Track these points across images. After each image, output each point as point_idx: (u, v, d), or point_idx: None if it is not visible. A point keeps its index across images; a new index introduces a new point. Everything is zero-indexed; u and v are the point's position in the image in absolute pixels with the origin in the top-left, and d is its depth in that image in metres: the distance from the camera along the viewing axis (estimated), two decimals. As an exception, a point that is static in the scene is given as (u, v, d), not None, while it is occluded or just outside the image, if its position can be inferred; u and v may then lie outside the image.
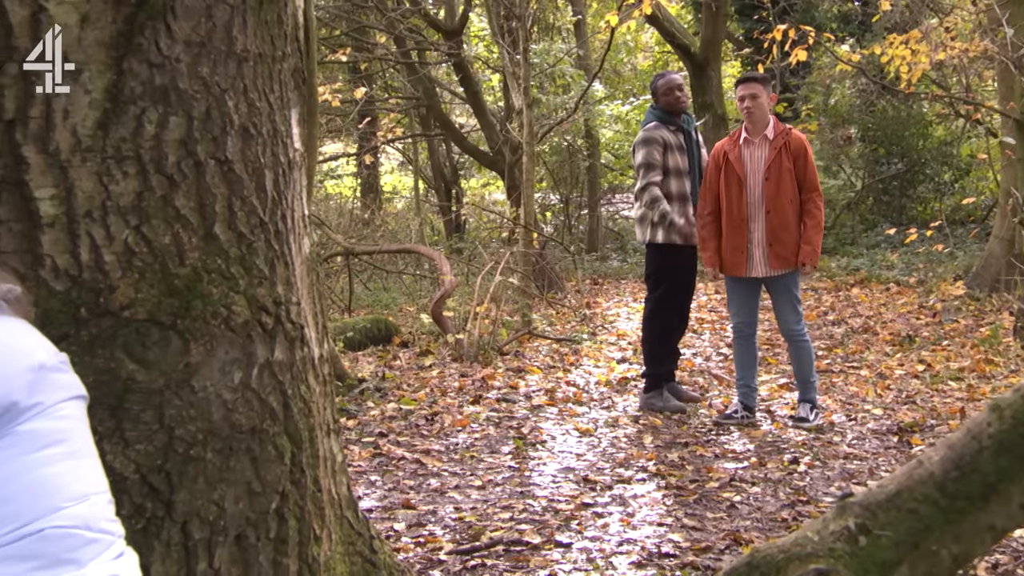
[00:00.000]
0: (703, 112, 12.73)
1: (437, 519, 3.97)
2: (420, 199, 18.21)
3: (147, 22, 1.29)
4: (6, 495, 0.95)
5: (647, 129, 5.63)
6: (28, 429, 0.97)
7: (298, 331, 1.44)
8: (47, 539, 0.94)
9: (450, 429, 5.50)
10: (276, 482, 1.37)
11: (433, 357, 7.67)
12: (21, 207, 1.26)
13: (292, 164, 1.50)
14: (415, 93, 13.54)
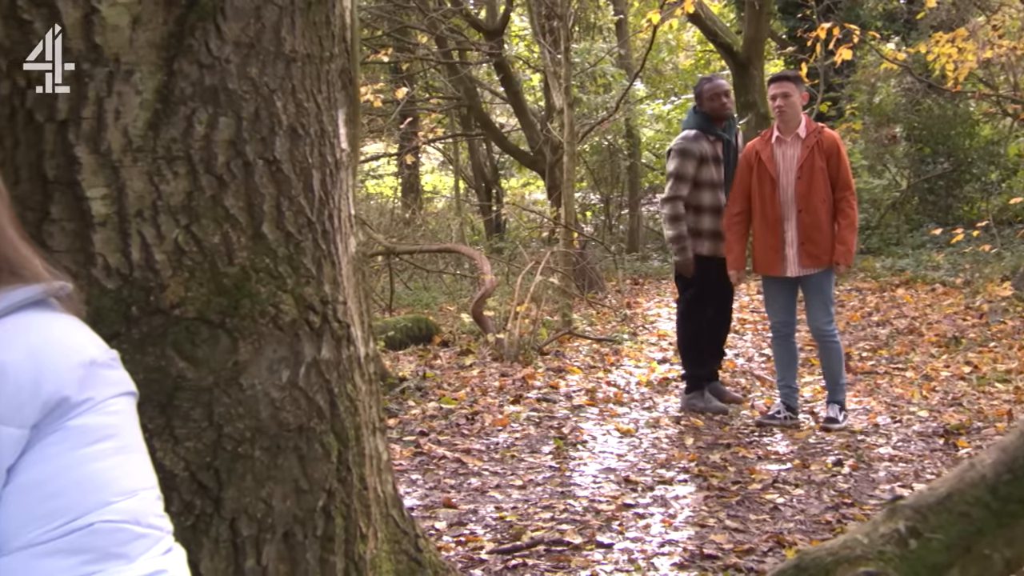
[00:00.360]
0: (745, 111, 12.64)
1: (478, 518, 3.98)
2: (460, 199, 18.25)
3: (197, 23, 1.31)
4: (56, 489, 0.96)
5: (686, 139, 5.57)
6: (79, 424, 0.98)
7: (344, 330, 1.44)
8: (97, 533, 0.94)
9: (491, 428, 5.51)
10: (323, 480, 1.38)
11: (474, 356, 7.68)
12: (73, 206, 1.28)
13: (339, 164, 1.51)
14: (456, 93, 13.58)
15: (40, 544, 0.93)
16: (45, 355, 0.98)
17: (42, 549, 0.93)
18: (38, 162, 1.28)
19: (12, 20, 1.26)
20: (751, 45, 13.06)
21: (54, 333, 1.02)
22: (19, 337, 0.99)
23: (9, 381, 0.96)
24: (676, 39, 17.60)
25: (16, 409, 0.95)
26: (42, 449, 0.96)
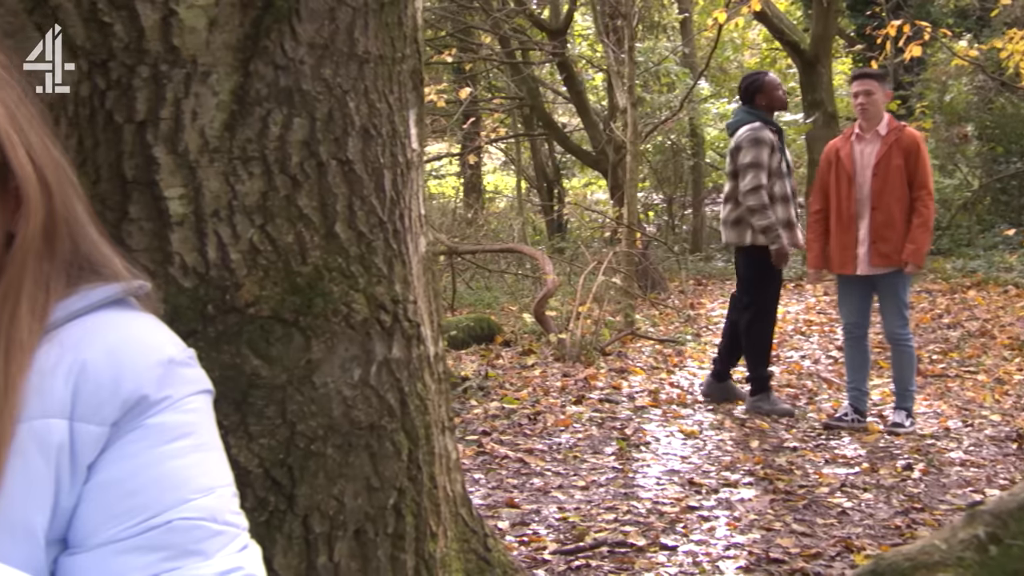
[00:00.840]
0: (812, 110, 12.45)
1: (541, 518, 3.98)
2: (522, 199, 18.26)
3: (273, 25, 1.32)
4: (135, 487, 0.96)
5: (755, 129, 5.53)
6: (157, 422, 0.99)
7: (415, 329, 1.45)
8: (174, 530, 0.95)
9: (553, 429, 5.50)
10: (394, 478, 1.38)
11: (535, 356, 7.68)
12: (152, 206, 1.30)
13: (410, 164, 1.52)
14: (519, 93, 13.59)
15: (119, 541, 0.94)
16: (124, 354, 0.99)
17: (121, 546, 0.94)
18: (117, 162, 1.31)
19: (92, 23, 1.29)
20: (819, 43, 12.86)
21: (133, 332, 1.03)
22: (99, 336, 1.01)
23: (89, 379, 0.97)
24: (741, 37, 17.41)
25: (96, 407, 0.97)
26: (122, 447, 0.97)
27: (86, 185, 1.31)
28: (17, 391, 0.96)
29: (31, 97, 1.08)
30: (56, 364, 0.98)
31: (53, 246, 1.03)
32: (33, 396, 0.96)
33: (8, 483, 0.92)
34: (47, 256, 1.03)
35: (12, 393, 0.96)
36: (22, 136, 1.02)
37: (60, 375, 0.97)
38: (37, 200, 1.01)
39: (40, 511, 0.93)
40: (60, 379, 0.97)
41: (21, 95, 1.06)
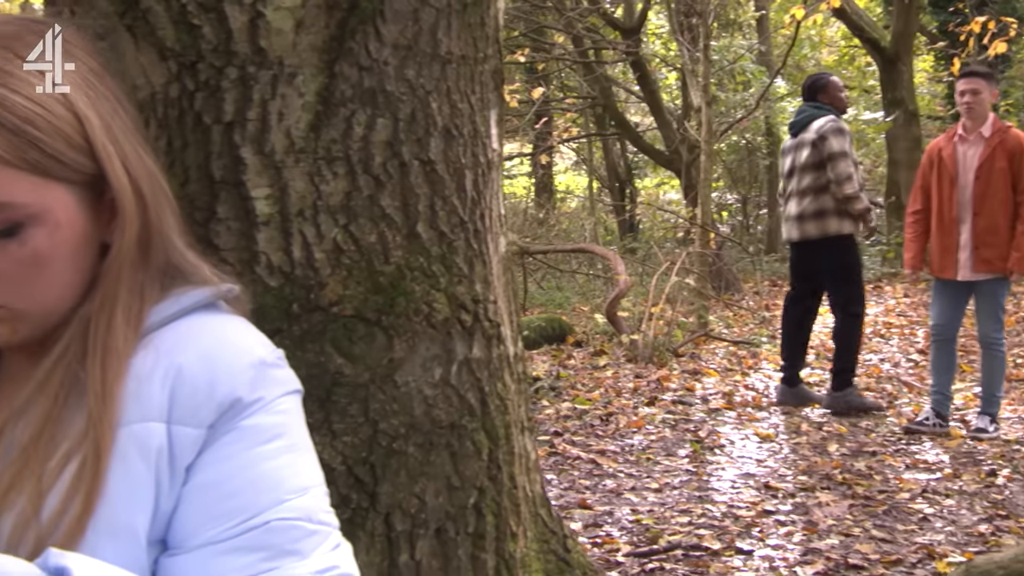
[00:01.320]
0: (892, 108, 12.18)
1: (613, 520, 3.96)
2: (594, 198, 18.20)
3: (358, 26, 1.33)
4: (233, 489, 0.97)
5: (835, 120, 5.49)
6: (251, 424, 1.00)
7: (495, 329, 1.45)
8: (272, 531, 0.96)
9: (625, 430, 5.47)
10: (474, 478, 1.38)
11: (607, 357, 7.65)
12: (239, 206, 1.32)
13: (491, 164, 1.52)
14: (591, 92, 13.54)
15: (219, 542, 0.95)
16: (218, 357, 1.01)
17: (221, 547, 0.95)
18: (205, 163, 1.33)
19: (182, 25, 1.31)
20: (899, 40, 12.57)
21: (225, 335, 1.05)
22: (192, 340, 1.02)
23: (186, 383, 0.98)
24: (819, 35, 17.11)
25: (193, 410, 0.98)
26: (218, 449, 0.98)
27: (175, 186, 1.33)
28: (115, 397, 0.98)
29: (125, 105, 1.11)
30: (152, 369, 0.99)
31: (147, 256, 1.04)
32: (131, 401, 0.98)
33: (111, 487, 0.94)
34: (141, 265, 1.04)
35: (110, 400, 0.98)
36: (118, 147, 1.04)
37: (156, 379, 0.99)
38: (132, 211, 1.02)
39: (142, 513, 0.95)
40: (157, 383, 0.99)
41: (115, 105, 1.08)
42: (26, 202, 0.97)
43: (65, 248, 1.00)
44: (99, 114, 1.03)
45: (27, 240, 0.98)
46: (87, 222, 1.02)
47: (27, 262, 0.98)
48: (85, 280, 1.03)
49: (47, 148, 0.98)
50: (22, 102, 0.98)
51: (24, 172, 0.97)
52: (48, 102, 0.99)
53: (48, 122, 0.99)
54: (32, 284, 0.99)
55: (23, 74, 1.00)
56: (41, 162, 0.98)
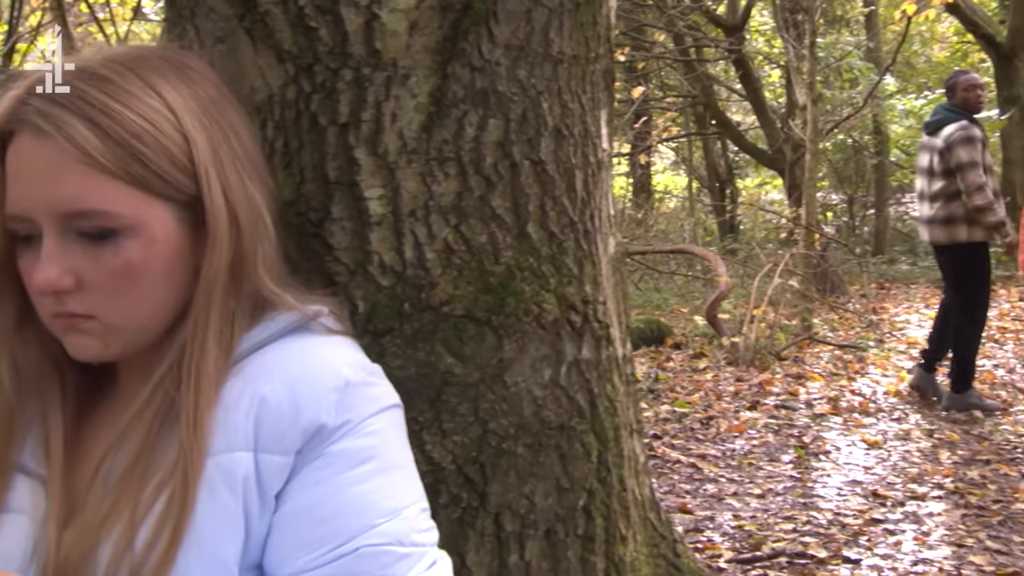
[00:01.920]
0: (1008, 106, 11.73)
1: (715, 525, 3.90)
2: (693, 199, 17.99)
3: (471, 27, 1.33)
4: (323, 515, 0.98)
5: (965, 127, 5.40)
6: (340, 449, 1.01)
7: (604, 330, 1.44)
8: (362, 557, 0.97)
9: (726, 434, 5.39)
10: (583, 479, 1.38)
11: (707, 360, 7.56)
12: (353, 206, 1.34)
13: (601, 164, 1.51)
14: (692, 91, 13.38)
15: (310, 570, 0.96)
16: (303, 382, 1.02)
17: (312, 575, 0.96)
18: (321, 163, 1.35)
19: (299, 28, 1.33)
20: (1016, 35, 12.09)
21: (312, 359, 1.05)
22: (277, 366, 1.04)
23: (271, 411, 1.00)
24: (931, 30, 16.57)
25: (278, 438, 0.99)
26: (307, 475, 0.99)
27: (291, 186, 1.36)
28: (205, 426, 1.00)
29: (242, 136, 1.12)
30: (239, 397, 1.01)
31: (239, 283, 1.06)
32: (218, 431, 0.99)
33: (199, 517, 0.96)
34: (232, 292, 1.06)
35: (200, 429, 0.99)
36: (221, 173, 1.06)
37: (242, 408, 1.00)
38: (224, 236, 1.04)
39: (231, 543, 0.96)
40: (242, 412, 1.00)
41: (229, 134, 1.09)
42: (124, 213, 1.00)
43: (158, 263, 1.02)
44: (209, 139, 1.06)
45: (121, 251, 1.00)
46: (183, 242, 1.04)
47: (120, 273, 1.01)
48: (179, 301, 1.05)
49: (150, 163, 1.01)
50: (132, 117, 1.00)
51: (125, 184, 1.00)
52: (158, 121, 1.02)
53: (155, 139, 1.01)
54: (124, 296, 1.02)
55: (140, 93, 1.02)
56: (143, 176, 1.01)
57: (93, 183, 0.98)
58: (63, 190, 0.98)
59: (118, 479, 0.99)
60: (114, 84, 1.01)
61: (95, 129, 0.98)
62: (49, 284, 0.99)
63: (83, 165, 0.98)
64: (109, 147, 0.99)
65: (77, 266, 1.00)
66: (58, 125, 0.98)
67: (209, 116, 1.07)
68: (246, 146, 1.12)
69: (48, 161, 0.98)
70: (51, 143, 0.98)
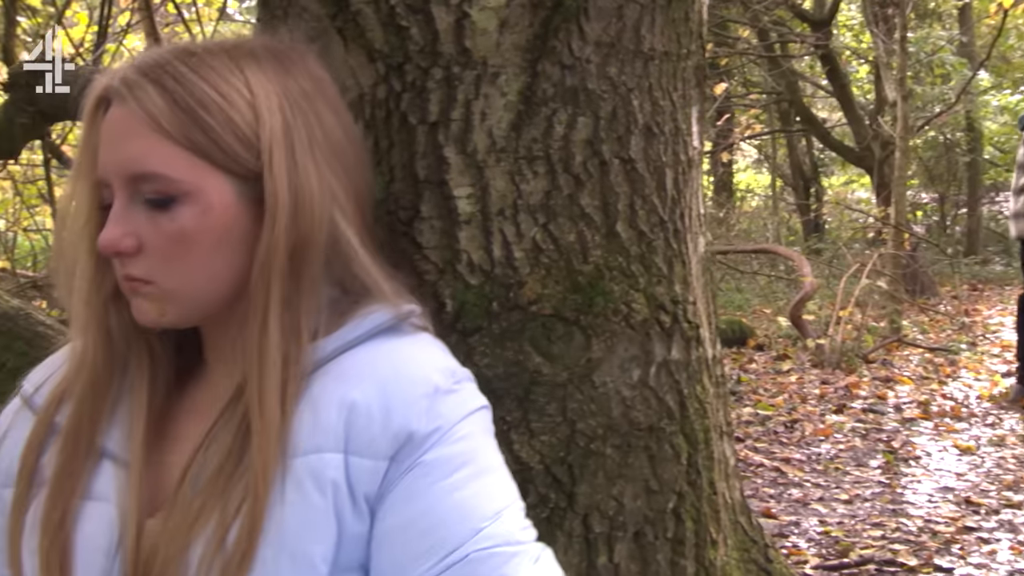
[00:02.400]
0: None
1: (800, 531, 3.83)
2: (776, 197, 17.70)
3: (561, 25, 1.32)
4: (427, 526, 0.98)
5: None
6: (434, 457, 1.00)
7: (694, 331, 1.42)
8: (473, 562, 0.96)
9: (811, 438, 5.29)
10: (673, 482, 1.36)
11: (791, 362, 7.43)
12: (442, 205, 1.34)
13: (691, 162, 1.49)
14: (776, 87, 13.17)
15: None
16: (393, 387, 1.01)
17: None
18: (410, 162, 1.35)
19: (390, 27, 1.34)
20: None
21: (403, 363, 1.05)
22: (367, 368, 1.03)
23: (360, 414, 0.99)
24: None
25: (368, 442, 0.99)
26: (405, 487, 0.99)
27: (381, 184, 1.37)
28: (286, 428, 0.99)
29: (329, 129, 1.11)
30: (330, 398, 1.01)
31: (299, 270, 1.05)
32: (308, 431, 0.99)
33: (287, 516, 0.96)
34: (294, 277, 1.04)
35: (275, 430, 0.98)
36: (290, 156, 1.05)
37: (333, 409, 1.00)
38: (283, 217, 1.03)
39: (319, 543, 0.96)
40: (333, 413, 1.00)
41: (314, 123, 1.09)
42: (181, 178, 1.01)
43: (213, 234, 1.02)
44: (284, 122, 1.05)
45: (177, 216, 1.02)
46: (242, 216, 1.04)
47: (174, 238, 1.02)
48: (237, 278, 1.05)
49: (212, 133, 1.02)
50: (203, 87, 1.02)
51: (185, 150, 1.02)
52: (230, 94, 1.03)
53: (222, 111, 1.02)
54: (179, 263, 1.02)
55: (222, 70, 1.04)
56: (204, 145, 1.02)
57: (157, 147, 1.01)
58: (130, 152, 1.01)
59: (208, 479, 1.00)
60: (198, 58, 1.04)
61: (166, 95, 1.01)
62: (111, 244, 1.01)
63: (150, 129, 1.01)
64: (175, 113, 1.01)
65: (140, 230, 1.02)
66: (133, 90, 1.02)
67: (294, 103, 1.08)
68: (333, 136, 1.11)
69: (123, 125, 1.02)
70: (127, 107, 1.02)
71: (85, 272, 1.08)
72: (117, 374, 1.09)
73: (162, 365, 1.12)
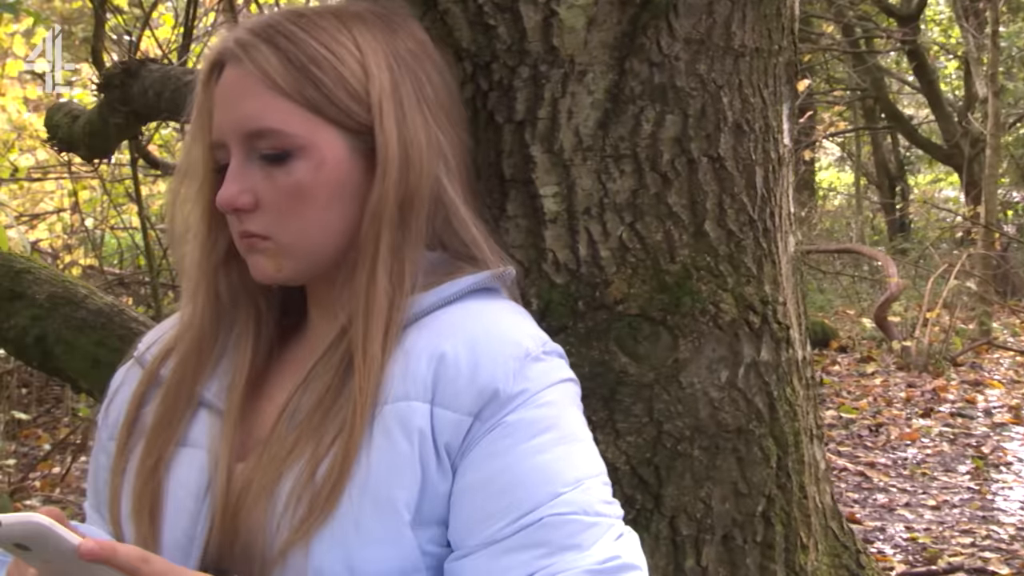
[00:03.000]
0: None
1: (886, 537, 3.75)
2: (860, 196, 17.34)
3: (650, 22, 1.31)
4: (505, 486, 0.98)
5: None
6: (517, 419, 1.01)
7: (784, 332, 1.39)
8: (547, 526, 0.96)
9: (897, 442, 5.18)
10: (762, 485, 1.34)
11: (875, 364, 7.28)
12: (527, 204, 1.34)
13: (782, 160, 1.46)
14: (861, 84, 12.90)
15: (496, 542, 0.96)
16: (484, 345, 1.02)
17: (499, 547, 0.96)
18: (497, 161, 1.36)
19: (478, 26, 1.34)
20: None
21: (495, 323, 1.06)
22: (460, 324, 1.04)
23: (449, 367, 1.00)
24: None
25: (454, 395, 1.00)
26: (486, 446, 0.99)
27: (467, 183, 1.37)
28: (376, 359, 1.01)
29: (436, 84, 1.15)
30: (421, 349, 1.02)
31: (407, 220, 1.07)
32: (399, 379, 1.01)
33: (374, 460, 0.97)
34: (400, 227, 1.07)
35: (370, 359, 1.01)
36: (398, 110, 1.08)
37: (423, 360, 1.01)
38: (394, 169, 1.06)
39: (403, 489, 0.97)
40: (423, 364, 1.01)
41: (421, 78, 1.12)
42: (296, 133, 1.04)
43: (328, 187, 1.05)
44: (392, 79, 1.09)
45: (292, 171, 1.05)
46: (354, 170, 1.07)
47: (290, 192, 1.04)
48: (350, 232, 1.07)
49: (324, 88, 1.05)
50: (315, 45, 1.06)
51: (299, 106, 1.05)
52: (340, 52, 1.07)
53: (333, 67, 1.06)
54: (295, 217, 1.05)
55: (332, 29, 1.08)
56: (317, 100, 1.05)
57: (272, 104, 1.04)
58: (246, 110, 1.05)
59: (304, 417, 1.03)
60: (308, 19, 1.08)
61: (279, 54, 1.05)
62: (229, 200, 1.04)
63: (264, 87, 1.05)
64: (288, 71, 1.05)
65: (257, 187, 1.05)
66: (247, 51, 1.06)
67: (401, 61, 1.11)
68: (439, 95, 1.15)
69: (238, 85, 1.06)
70: (242, 67, 1.06)
71: (199, 235, 1.12)
72: (223, 332, 1.13)
73: (267, 324, 1.15)
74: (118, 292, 6.86)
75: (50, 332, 2.07)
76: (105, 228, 7.90)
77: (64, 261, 7.50)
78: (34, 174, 7.56)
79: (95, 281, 6.31)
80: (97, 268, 7.08)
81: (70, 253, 7.87)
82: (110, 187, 6.93)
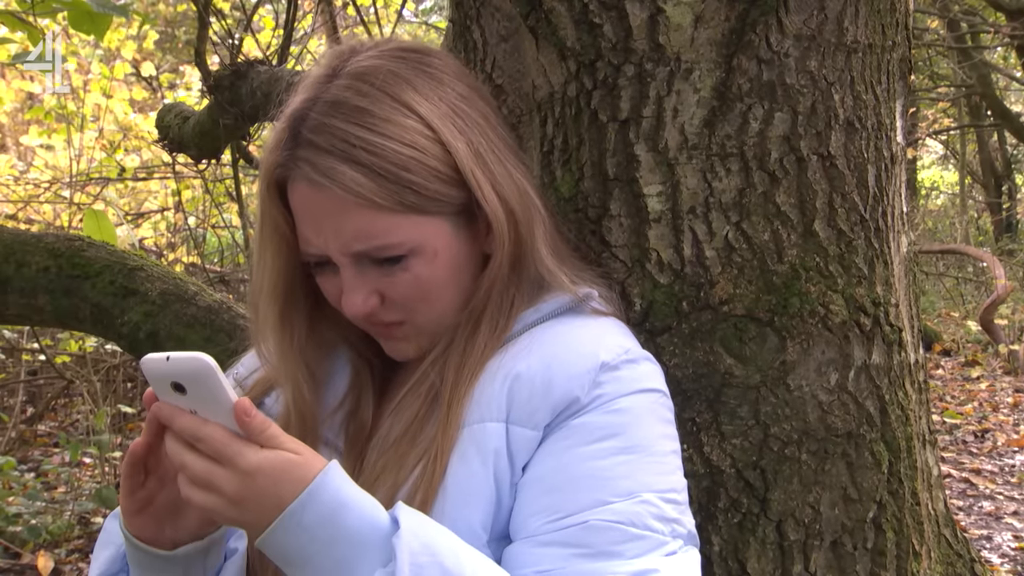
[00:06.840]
0: None
1: (993, 546, 3.63)
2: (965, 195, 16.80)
3: (759, 18, 1.29)
4: (555, 484, 0.99)
5: None
6: (581, 422, 1.02)
7: (896, 334, 1.35)
8: (590, 530, 0.96)
9: (1004, 448, 5.00)
10: (873, 490, 1.30)
11: (981, 368, 7.05)
12: (631, 203, 1.33)
13: (894, 158, 1.42)
14: (967, 80, 12.49)
15: (539, 535, 0.98)
16: (559, 360, 1.04)
17: (540, 540, 0.97)
18: (600, 160, 1.35)
19: (583, 24, 1.34)
20: None
21: (573, 339, 1.07)
22: (537, 345, 1.07)
23: (523, 386, 1.02)
24: None
25: (530, 413, 1.01)
26: (547, 446, 1.01)
27: (570, 182, 1.37)
28: (462, 403, 1.04)
29: (494, 123, 1.16)
30: (496, 372, 1.04)
31: (519, 271, 1.12)
32: (474, 403, 1.03)
33: (450, 484, 1.00)
34: (512, 281, 1.11)
35: (457, 404, 1.04)
36: (486, 171, 1.09)
37: (498, 382, 1.03)
38: (505, 231, 1.09)
39: (478, 510, 0.99)
40: (498, 385, 1.03)
41: (484, 126, 1.12)
42: (406, 240, 1.06)
43: (444, 272, 1.08)
44: (468, 141, 1.08)
45: (409, 267, 1.07)
46: (463, 244, 1.10)
47: (413, 286, 1.08)
48: (469, 291, 1.12)
49: (422, 190, 1.05)
50: (395, 148, 1.03)
51: (402, 214, 1.05)
52: (419, 142, 1.05)
53: (421, 163, 1.04)
54: (423, 303, 1.09)
55: (396, 117, 1.05)
56: (417, 203, 1.05)
57: (373, 221, 1.04)
58: (348, 231, 1.05)
59: (391, 444, 1.07)
60: (371, 115, 1.04)
61: (363, 170, 1.02)
62: (358, 311, 1.08)
63: (360, 207, 1.03)
64: (380, 184, 1.03)
65: (378, 286, 1.08)
66: (328, 175, 1.02)
67: (462, 115, 1.10)
68: (500, 132, 1.16)
69: (328, 207, 1.04)
70: (327, 192, 1.03)
71: (275, 327, 1.14)
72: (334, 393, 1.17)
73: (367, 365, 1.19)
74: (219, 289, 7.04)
75: (162, 328, 2.13)
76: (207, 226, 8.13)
77: (168, 259, 7.74)
78: (139, 174, 7.82)
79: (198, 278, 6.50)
80: (199, 265, 7.29)
81: (173, 251, 8.12)
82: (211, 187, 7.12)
